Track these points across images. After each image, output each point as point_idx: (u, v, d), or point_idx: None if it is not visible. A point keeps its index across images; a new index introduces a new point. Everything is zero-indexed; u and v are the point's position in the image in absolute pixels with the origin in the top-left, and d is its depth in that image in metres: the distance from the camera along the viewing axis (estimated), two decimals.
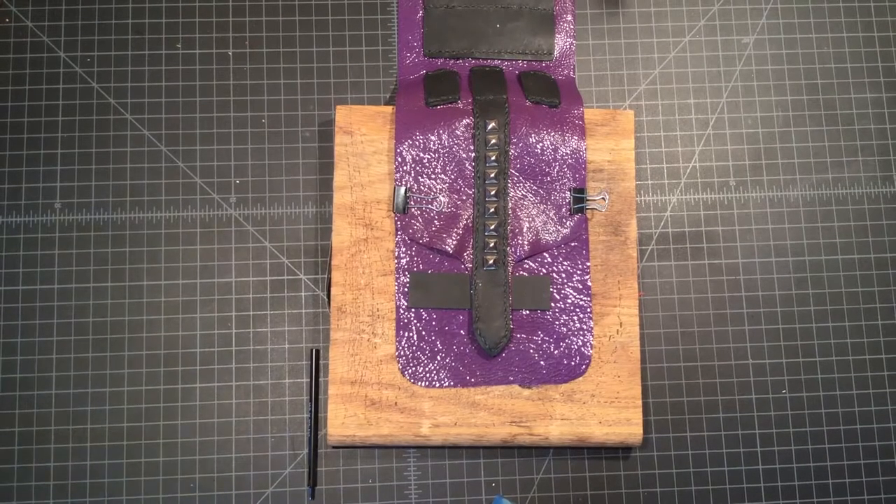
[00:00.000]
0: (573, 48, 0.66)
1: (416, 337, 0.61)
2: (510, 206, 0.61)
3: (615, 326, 0.62)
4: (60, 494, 0.60)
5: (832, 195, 0.66)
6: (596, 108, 0.66)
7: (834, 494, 0.62)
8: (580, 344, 0.61)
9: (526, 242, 0.61)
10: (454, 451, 0.62)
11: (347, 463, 0.61)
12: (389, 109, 0.63)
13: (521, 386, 0.61)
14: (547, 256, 0.62)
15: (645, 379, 0.63)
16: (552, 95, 0.63)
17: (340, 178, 0.62)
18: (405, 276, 0.61)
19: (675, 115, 0.67)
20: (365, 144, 0.62)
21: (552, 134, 0.62)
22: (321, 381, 0.62)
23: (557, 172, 0.62)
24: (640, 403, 0.60)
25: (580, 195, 0.62)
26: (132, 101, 0.65)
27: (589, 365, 0.61)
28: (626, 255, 0.62)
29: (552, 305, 0.61)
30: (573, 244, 0.62)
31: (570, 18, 0.67)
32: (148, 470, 0.61)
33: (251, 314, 0.63)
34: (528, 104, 0.62)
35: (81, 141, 0.64)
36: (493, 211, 0.61)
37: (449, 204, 0.61)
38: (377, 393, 0.60)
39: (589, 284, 0.62)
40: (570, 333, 0.61)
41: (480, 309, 0.60)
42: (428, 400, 0.60)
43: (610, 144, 0.63)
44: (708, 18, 0.68)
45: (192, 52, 0.66)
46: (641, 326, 0.63)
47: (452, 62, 0.66)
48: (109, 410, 0.61)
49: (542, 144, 0.62)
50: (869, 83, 0.68)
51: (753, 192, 0.66)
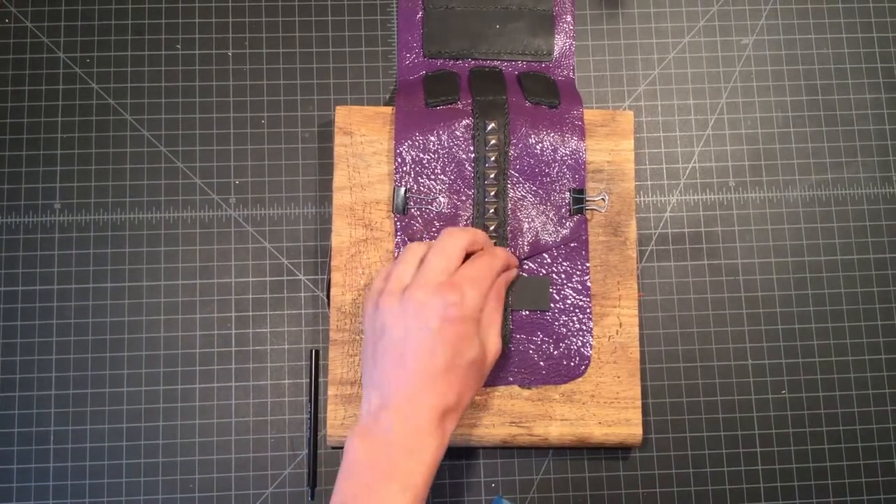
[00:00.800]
0: (573, 49, 0.66)
1: None
2: (510, 206, 0.62)
3: (615, 327, 0.62)
4: (60, 495, 0.60)
5: (831, 196, 0.66)
6: (595, 108, 0.66)
7: (833, 495, 0.62)
8: (580, 344, 0.61)
9: (525, 243, 0.61)
10: (454, 451, 0.62)
11: None
12: (389, 110, 0.63)
13: (520, 386, 0.61)
14: (546, 257, 0.62)
15: (644, 379, 0.63)
16: (552, 96, 0.63)
17: (340, 178, 0.62)
18: None
19: (674, 115, 0.67)
20: (364, 145, 0.62)
21: (552, 135, 0.62)
22: (321, 381, 0.62)
23: (557, 173, 0.62)
24: (639, 404, 0.60)
25: (580, 196, 0.62)
26: (132, 101, 0.65)
27: (588, 365, 0.61)
28: (625, 255, 0.62)
29: (552, 306, 0.61)
30: (573, 245, 0.62)
31: (569, 19, 0.67)
32: (147, 471, 0.61)
33: (251, 315, 0.63)
34: (527, 105, 0.62)
35: (81, 141, 0.64)
36: (492, 212, 0.61)
37: (448, 205, 0.61)
38: None
39: (588, 285, 0.62)
40: (569, 334, 0.61)
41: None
42: None
43: (609, 145, 0.63)
44: (707, 19, 0.68)
45: (191, 52, 0.66)
46: (641, 327, 0.63)
47: (452, 63, 0.66)
48: (109, 411, 0.61)
49: (541, 145, 0.62)
50: (868, 84, 0.68)
51: (753, 192, 0.66)
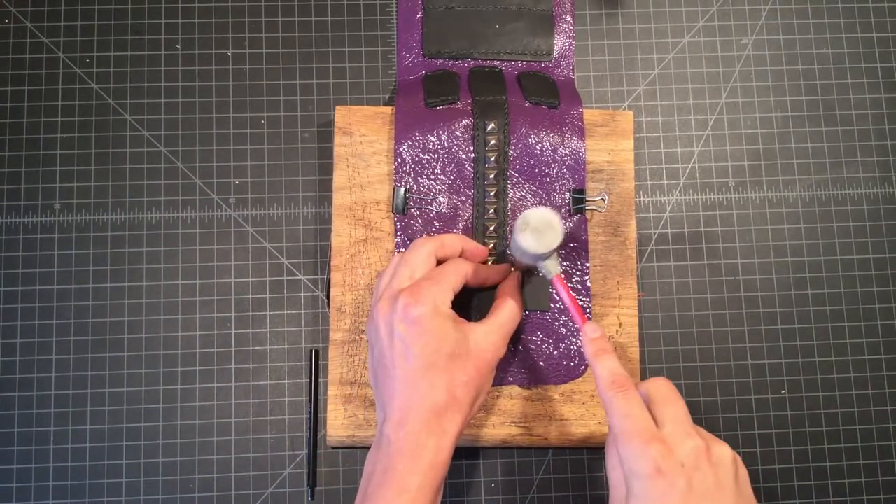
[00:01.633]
0: (572, 49, 0.66)
1: None
2: (509, 206, 0.62)
3: (614, 327, 0.62)
4: (60, 495, 0.60)
5: (831, 196, 0.66)
6: (595, 108, 0.66)
7: (833, 495, 0.62)
8: (580, 344, 0.61)
9: None
10: (454, 451, 0.62)
11: (347, 463, 0.61)
12: (389, 110, 0.63)
13: (520, 386, 0.61)
14: None
15: (644, 379, 0.63)
16: (551, 96, 0.63)
17: (340, 178, 0.62)
18: None
19: (674, 115, 0.67)
20: (364, 145, 0.62)
21: (551, 135, 0.62)
22: (320, 381, 0.62)
23: (557, 173, 0.62)
24: None
25: (579, 196, 0.62)
26: (131, 101, 0.65)
27: (588, 365, 0.61)
28: (625, 255, 0.62)
29: (551, 306, 0.61)
30: (572, 245, 0.62)
31: (569, 19, 0.67)
32: (147, 471, 0.61)
33: (250, 315, 0.63)
34: (527, 105, 0.62)
35: (81, 142, 0.64)
36: (492, 212, 0.61)
37: (448, 205, 0.61)
38: None
39: (588, 285, 0.62)
40: (569, 334, 0.61)
41: (480, 310, 0.60)
42: None
43: (609, 145, 0.63)
44: (707, 19, 0.68)
45: (191, 52, 0.66)
46: (641, 327, 0.63)
47: (452, 63, 0.66)
48: (109, 411, 0.61)
49: (541, 145, 0.62)
50: (868, 84, 0.68)
51: (752, 192, 0.66)
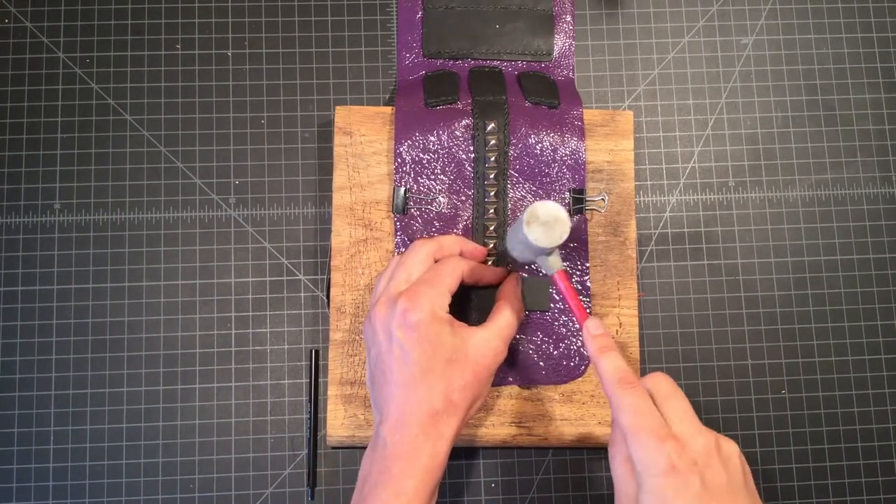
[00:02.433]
0: (572, 49, 0.66)
1: None
2: (509, 206, 0.62)
3: (614, 327, 0.62)
4: (60, 495, 0.60)
5: (831, 196, 0.66)
6: (595, 108, 0.66)
7: (833, 495, 0.62)
8: (580, 344, 0.61)
9: None
10: (454, 451, 0.62)
11: (347, 463, 0.61)
12: (389, 110, 0.63)
13: (520, 386, 0.61)
14: None
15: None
16: (551, 96, 0.63)
17: (340, 178, 0.62)
18: None
19: (674, 115, 0.67)
20: (364, 145, 0.62)
21: (551, 135, 0.62)
22: (321, 381, 0.62)
23: (557, 173, 0.62)
24: None
25: (580, 196, 0.62)
26: (131, 101, 0.65)
27: (588, 365, 0.61)
28: (625, 255, 0.62)
29: (551, 306, 0.61)
30: (572, 245, 0.62)
31: (569, 19, 0.67)
32: (147, 471, 0.61)
33: (250, 315, 0.63)
34: (527, 105, 0.62)
35: (81, 142, 0.64)
36: (492, 212, 0.61)
37: (448, 205, 0.61)
38: None
39: (588, 285, 0.62)
40: (569, 334, 0.61)
41: (480, 310, 0.60)
42: None
43: (609, 145, 0.63)
44: (707, 19, 0.68)
45: (191, 52, 0.66)
46: (641, 327, 0.63)
47: (452, 63, 0.66)
48: (108, 411, 0.61)
49: (541, 145, 0.62)
50: (868, 84, 0.68)
51: (752, 192, 0.66)
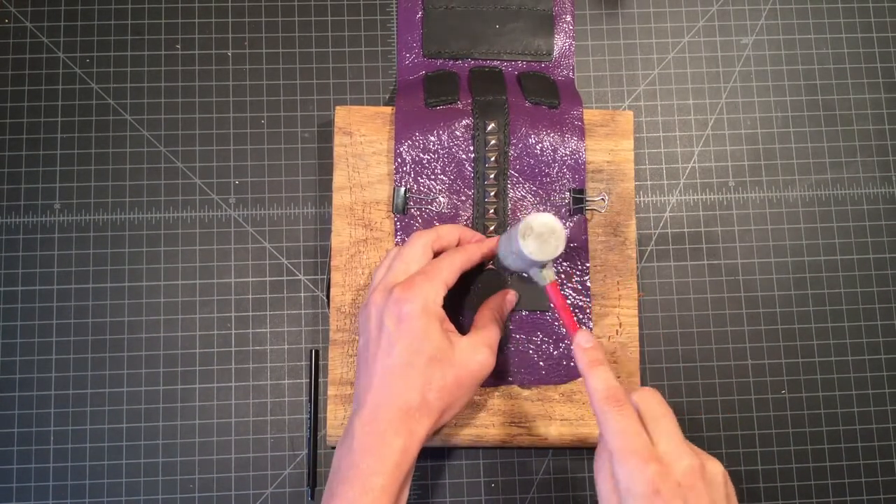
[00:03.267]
0: (572, 49, 0.66)
1: None
2: (510, 207, 0.62)
3: (614, 327, 0.62)
4: (60, 495, 0.60)
5: (831, 196, 0.66)
6: (595, 108, 0.66)
7: (833, 495, 0.62)
8: None
9: None
10: (454, 451, 0.62)
11: None
12: (389, 110, 0.63)
13: (520, 386, 0.61)
14: None
15: (644, 380, 0.63)
16: (551, 96, 0.63)
17: (340, 178, 0.62)
18: None
19: (674, 115, 0.67)
20: (364, 145, 0.62)
21: (552, 135, 0.62)
22: (321, 381, 0.62)
23: (557, 173, 0.62)
24: None
25: (579, 196, 0.62)
26: (131, 101, 0.65)
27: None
28: (625, 255, 0.62)
29: (551, 306, 0.61)
30: (573, 245, 0.62)
31: (569, 19, 0.67)
32: (147, 471, 0.61)
33: (250, 315, 0.63)
34: (527, 105, 0.62)
35: (81, 142, 0.64)
36: (492, 212, 0.61)
37: (448, 205, 0.61)
38: None
39: (588, 285, 0.62)
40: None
41: (474, 309, 0.60)
42: None
43: (609, 145, 0.63)
44: (707, 19, 0.68)
45: (191, 52, 0.66)
46: (641, 327, 0.63)
47: (452, 63, 0.66)
48: (109, 411, 0.61)
49: (541, 145, 0.62)
50: (868, 84, 0.68)
51: (752, 192, 0.66)
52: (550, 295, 0.52)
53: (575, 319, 0.54)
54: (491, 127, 0.61)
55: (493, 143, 0.61)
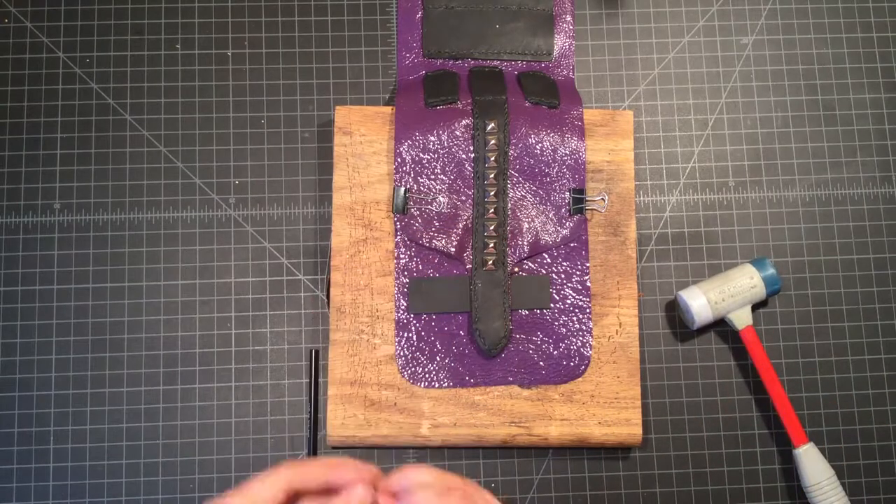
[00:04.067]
0: (572, 49, 0.66)
1: (415, 337, 0.61)
2: (509, 206, 0.61)
3: (614, 327, 0.62)
4: (60, 495, 0.60)
5: (831, 195, 0.66)
6: (595, 108, 0.66)
7: None
8: (579, 344, 0.61)
9: (525, 243, 0.61)
10: (454, 451, 0.62)
11: None
12: (389, 110, 0.63)
13: (520, 386, 0.61)
14: (546, 257, 0.62)
15: (644, 379, 0.63)
16: (551, 96, 0.63)
17: (339, 178, 0.62)
18: (405, 276, 0.61)
19: (674, 115, 0.67)
20: (364, 145, 0.62)
21: (551, 134, 0.62)
22: (321, 381, 0.62)
23: (557, 173, 0.62)
24: (639, 404, 0.60)
25: (579, 196, 0.62)
26: (131, 101, 0.65)
27: (588, 365, 0.61)
28: (625, 255, 0.62)
29: (551, 306, 0.61)
30: (572, 245, 0.62)
31: (569, 19, 0.67)
32: (147, 471, 0.61)
33: (250, 315, 0.63)
34: (527, 105, 0.62)
35: (81, 142, 0.64)
36: (492, 212, 0.61)
37: (448, 204, 0.61)
38: (377, 393, 0.60)
39: (588, 285, 0.62)
40: (569, 334, 0.61)
41: (480, 310, 0.60)
42: (427, 400, 0.60)
43: (609, 145, 0.63)
44: (707, 19, 0.68)
45: (191, 52, 0.66)
46: (640, 327, 0.63)
47: (452, 63, 0.66)
48: (108, 411, 0.61)
49: (541, 145, 0.62)
50: (868, 84, 0.68)
51: (752, 192, 0.66)
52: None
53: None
54: (491, 127, 0.61)
55: (492, 142, 0.61)
